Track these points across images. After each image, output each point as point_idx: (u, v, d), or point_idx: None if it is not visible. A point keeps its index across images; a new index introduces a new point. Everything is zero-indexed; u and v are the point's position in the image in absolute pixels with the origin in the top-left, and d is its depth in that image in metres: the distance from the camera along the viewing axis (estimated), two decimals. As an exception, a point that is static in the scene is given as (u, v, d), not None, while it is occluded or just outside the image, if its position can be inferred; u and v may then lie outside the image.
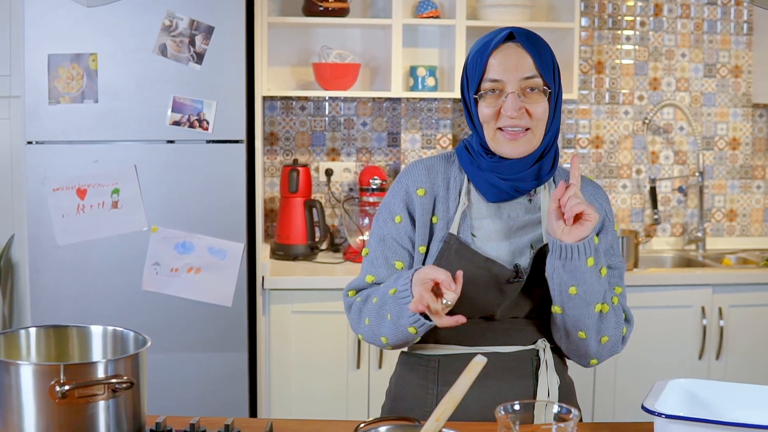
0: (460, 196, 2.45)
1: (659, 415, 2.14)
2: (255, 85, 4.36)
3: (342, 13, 4.73)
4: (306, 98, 5.00)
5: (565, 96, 4.73)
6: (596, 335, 2.39)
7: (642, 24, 5.12)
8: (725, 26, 5.16)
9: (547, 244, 2.38)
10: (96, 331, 2.17)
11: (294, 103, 4.99)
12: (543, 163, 2.41)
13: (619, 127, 5.16)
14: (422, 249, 2.45)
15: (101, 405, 1.89)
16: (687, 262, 5.05)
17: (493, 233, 2.43)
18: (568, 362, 2.60)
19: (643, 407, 2.18)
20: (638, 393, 2.22)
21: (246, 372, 4.24)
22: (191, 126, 4.11)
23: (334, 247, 4.99)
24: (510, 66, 2.34)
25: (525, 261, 2.42)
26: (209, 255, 4.15)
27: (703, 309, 4.52)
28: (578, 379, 4.32)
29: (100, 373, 1.88)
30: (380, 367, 4.35)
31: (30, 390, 1.87)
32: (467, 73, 2.42)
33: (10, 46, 4.65)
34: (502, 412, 1.84)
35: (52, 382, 1.84)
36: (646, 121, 5.07)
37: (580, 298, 2.33)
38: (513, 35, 2.38)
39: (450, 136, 4.88)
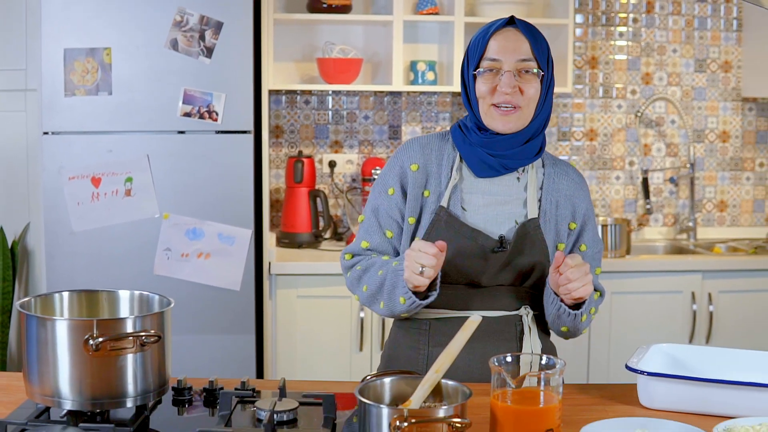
0: (452, 172, 2.64)
1: (642, 373, 2.32)
2: (262, 79, 4.51)
3: (345, 9, 4.87)
4: (310, 92, 5.16)
5: (559, 90, 4.91)
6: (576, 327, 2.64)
7: (635, 20, 5.27)
8: (715, 23, 5.31)
9: (531, 219, 2.61)
10: (124, 295, 2.35)
11: (299, 96, 5.15)
12: (530, 145, 2.61)
13: (613, 121, 5.32)
14: (411, 220, 2.65)
15: (130, 358, 2.07)
16: (678, 250, 5.19)
17: (482, 207, 2.63)
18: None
19: (626, 366, 2.36)
20: (632, 377, 2.40)
21: (253, 353, 4.38)
22: (201, 117, 4.26)
23: (337, 236, 5.12)
24: (508, 47, 2.55)
25: (509, 233, 2.61)
26: (218, 241, 4.30)
27: (693, 295, 4.67)
28: (572, 371, 4.48)
29: (129, 328, 2.05)
30: (381, 348, 4.50)
31: (65, 344, 2.04)
32: (468, 53, 2.63)
33: (26, 40, 4.79)
34: (495, 363, 2.01)
35: (86, 336, 2.01)
36: (639, 115, 5.22)
37: (570, 331, 2.64)
38: (514, 21, 2.59)
39: (449, 128, 5.04)
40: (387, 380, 2.10)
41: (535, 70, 2.56)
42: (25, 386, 2.16)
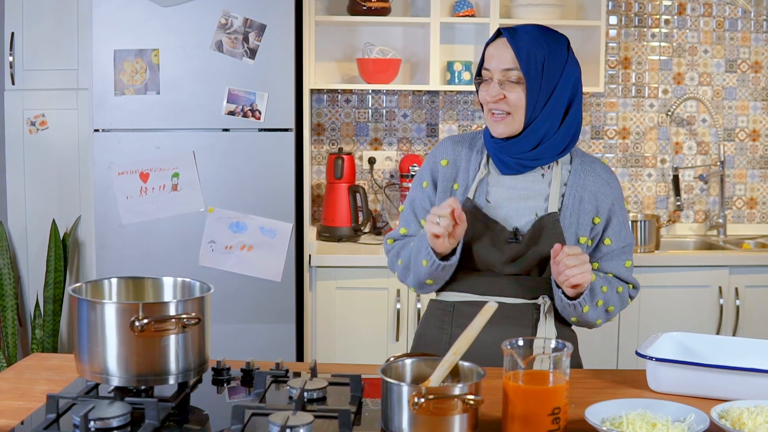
0: (480, 167, 2.83)
1: (650, 358, 2.47)
2: (303, 79, 4.63)
3: (384, 12, 5.01)
4: (350, 91, 5.32)
5: (592, 89, 5.02)
6: (603, 317, 2.83)
7: (666, 22, 5.39)
8: (745, 24, 5.41)
9: (550, 213, 2.77)
10: (167, 281, 2.52)
11: (339, 95, 5.32)
12: (547, 146, 2.76)
13: (645, 119, 5.44)
14: None
15: (172, 338, 2.23)
16: (708, 246, 5.28)
17: (505, 200, 2.80)
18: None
19: (636, 353, 2.50)
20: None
21: (293, 342, 4.52)
22: (245, 116, 4.40)
23: (376, 230, 5.25)
24: (495, 58, 2.73)
25: (526, 226, 2.78)
26: (261, 234, 4.44)
27: (720, 289, 4.76)
28: (600, 361, 4.59)
29: (172, 311, 2.23)
30: (417, 339, 4.64)
31: (113, 325, 2.20)
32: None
33: (77, 42, 4.95)
34: (507, 346, 2.17)
35: (132, 318, 2.19)
36: (670, 114, 5.32)
37: (581, 321, 2.80)
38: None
39: (485, 126, 5.15)
40: (408, 361, 2.26)
41: (515, 78, 2.70)
42: (76, 365, 2.31)
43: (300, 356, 4.65)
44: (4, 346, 4.96)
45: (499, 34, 2.75)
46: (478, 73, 2.79)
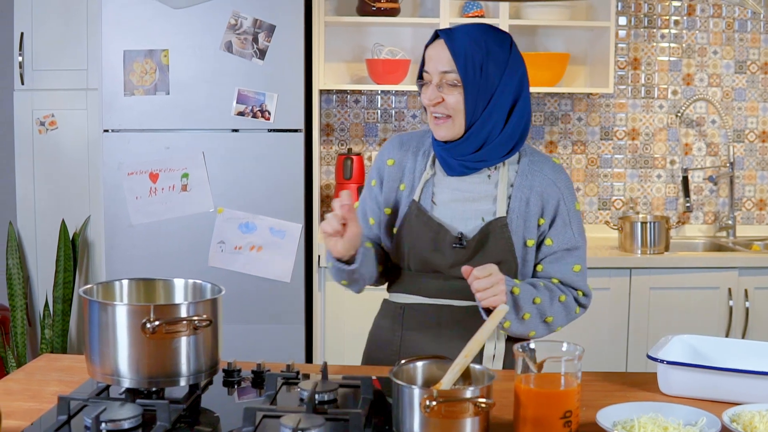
0: (426, 167, 2.78)
1: (661, 361, 2.46)
2: (313, 79, 4.65)
3: (393, 12, 5.01)
4: (360, 92, 5.31)
5: (601, 90, 5.02)
6: (540, 329, 2.73)
7: (676, 23, 5.38)
8: (755, 25, 5.41)
9: (497, 218, 2.71)
10: (178, 283, 2.52)
11: (348, 96, 5.32)
12: (488, 150, 2.69)
13: (654, 120, 5.43)
14: (387, 211, 2.82)
15: (184, 340, 2.23)
16: (717, 248, 5.27)
17: (450, 202, 2.75)
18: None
19: (648, 356, 2.50)
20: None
21: (303, 342, 4.53)
22: (254, 116, 4.41)
23: (384, 231, 5.23)
24: (433, 60, 2.66)
25: (472, 230, 2.73)
26: (270, 234, 4.44)
27: (729, 291, 4.75)
28: (609, 363, 4.58)
29: (183, 313, 2.23)
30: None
31: (124, 327, 2.20)
32: None
33: (87, 42, 4.96)
34: (519, 349, 2.16)
35: (144, 320, 2.19)
36: (680, 115, 5.31)
37: (513, 329, 2.68)
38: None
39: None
40: (420, 364, 2.25)
41: (452, 81, 2.63)
42: (87, 366, 2.31)
43: (309, 357, 4.66)
44: (13, 345, 4.97)
45: (437, 35, 2.69)
46: (420, 76, 2.72)
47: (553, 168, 2.79)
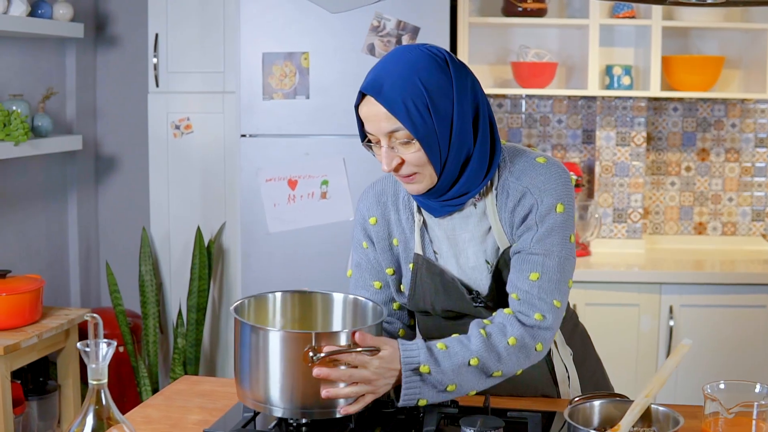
0: (413, 215, 2.49)
1: None
2: (456, 83, 4.49)
3: (540, 13, 4.84)
4: (503, 96, 5.13)
5: (757, 96, 4.78)
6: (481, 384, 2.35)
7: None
8: None
9: (502, 254, 2.40)
10: (337, 298, 2.38)
11: (492, 100, 5.13)
12: (466, 179, 2.35)
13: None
14: (389, 271, 2.52)
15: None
16: None
17: (450, 249, 2.45)
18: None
19: None
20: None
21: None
22: (396, 121, 4.26)
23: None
24: (371, 121, 2.28)
25: (483, 283, 2.44)
26: (411, 245, 4.30)
27: None
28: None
29: (343, 341, 2.07)
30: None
31: (280, 353, 2.08)
32: None
33: (224, 44, 4.88)
34: (709, 391, 1.96)
35: (307, 348, 2.04)
36: None
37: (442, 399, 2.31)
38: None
39: (644, 134, 4.94)
40: (596, 403, 2.08)
41: (403, 139, 2.24)
42: (237, 389, 2.21)
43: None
44: (145, 354, 4.88)
45: (363, 94, 2.29)
46: (363, 136, 2.34)
47: (532, 173, 2.37)
